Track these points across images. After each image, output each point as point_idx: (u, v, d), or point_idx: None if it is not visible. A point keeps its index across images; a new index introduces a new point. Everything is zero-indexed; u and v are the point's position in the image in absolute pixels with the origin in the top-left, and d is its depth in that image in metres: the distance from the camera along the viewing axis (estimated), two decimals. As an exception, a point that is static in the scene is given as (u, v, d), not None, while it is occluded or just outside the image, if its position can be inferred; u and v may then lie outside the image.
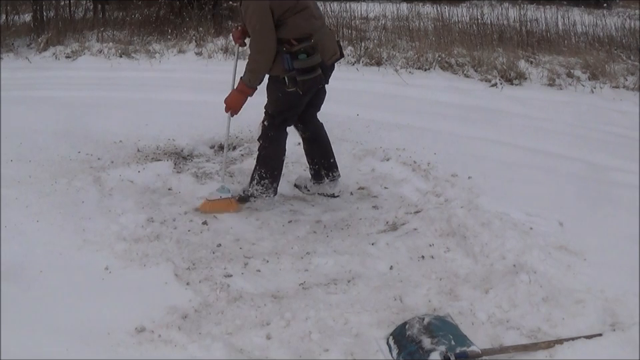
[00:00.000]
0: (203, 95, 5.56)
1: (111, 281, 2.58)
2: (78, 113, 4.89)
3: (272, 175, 3.34)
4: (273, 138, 3.30)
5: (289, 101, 3.15)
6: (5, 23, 8.82)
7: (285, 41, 2.99)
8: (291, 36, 2.99)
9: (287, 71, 3.00)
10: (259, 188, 3.35)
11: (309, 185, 3.58)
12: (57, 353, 2.08)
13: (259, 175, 3.34)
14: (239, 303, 2.43)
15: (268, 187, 3.35)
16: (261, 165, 3.33)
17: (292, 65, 2.98)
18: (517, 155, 4.11)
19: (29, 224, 3.00)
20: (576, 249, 2.77)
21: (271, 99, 3.22)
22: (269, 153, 3.32)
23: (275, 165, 3.35)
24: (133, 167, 3.79)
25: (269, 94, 3.21)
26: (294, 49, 2.97)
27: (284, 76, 3.03)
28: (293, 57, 2.97)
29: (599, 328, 2.24)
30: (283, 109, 3.22)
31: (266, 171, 3.32)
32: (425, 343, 2.10)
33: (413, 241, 2.96)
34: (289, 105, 3.20)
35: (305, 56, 2.97)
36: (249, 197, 3.39)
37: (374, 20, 9.97)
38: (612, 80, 6.20)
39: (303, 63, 2.98)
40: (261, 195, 3.36)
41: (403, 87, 6.07)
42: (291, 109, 3.23)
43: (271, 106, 3.25)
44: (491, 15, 8.67)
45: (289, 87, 3.03)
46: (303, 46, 2.97)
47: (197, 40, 8.03)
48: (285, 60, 2.98)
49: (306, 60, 2.98)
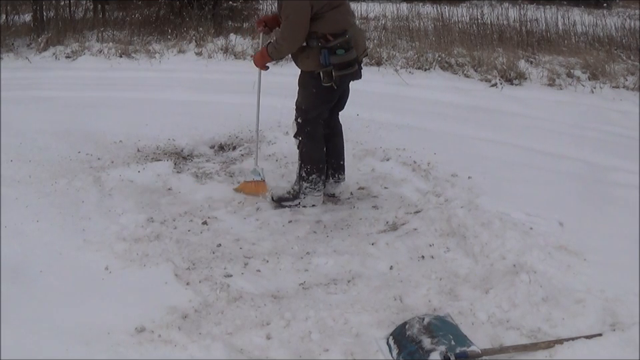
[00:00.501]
0: (202, 95, 5.57)
1: (111, 280, 2.58)
2: (78, 113, 4.89)
3: (318, 169, 3.32)
4: (311, 133, 3.27)
5: (324, 96, 3.16)
6: (5, 22, 8.82)
7: (320, 35, 3.01)
8: (327, 30, 3.00)
9: (324, 66, 3.01)
10: (308, 185, 3.32)
11: None
12: (57, 353, 2.09)
13: (305, 171, 3.31)
14: (239, 303, 2.43)
15: (316, 181, 3.33)
16: (305, 162, 3.31)
17: (329, 60, 2.99)
18: (517, 155, 4.11)
19: (29, 224, 3.01)
20: (576, 249, 2.77)
21: (305, 95, 3.21)
22: (310, 148, 3.30)
23: (319, 158, 3.33)
24: (132, 167, 3.79)
25: (302, 89, 3.22)
26: (331, 44, 2.99)
27: (319, 71, 3.04)
28: (331, 52, 2.99)
29: (599, 328, 2.24)
30: (317, 104, 3.21)
31: (312, 166, 3.30)
32: (425, 343, 2.10)
33: (412, 241, 2.96)
34: (322, 100, 3.20)
35: (343, 51, 2.99)
36: (298, 195, 3.36)
37: (374, 20, 9.96)
38: (612, 80, 6.20)
39: (341, 59, 2.99)
40: (312, 191, 3.33)
41: (403, 86, 6.08)
42: (324, 104, 3.24)
43: (304, 101, 3.23)
44: (491, 15, 8.66)
45: (325, 81, 3.04)
46: (339, 41, 2.99)
47: (197, 40, 8.03)
48: (323, 55, 2.99)
49: (343, 55, 3.00)
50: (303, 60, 3.12)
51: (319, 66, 3.03)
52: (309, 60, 3.07)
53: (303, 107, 3.24)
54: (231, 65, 7.16)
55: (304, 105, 3.23)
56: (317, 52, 3.02)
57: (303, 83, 3.22)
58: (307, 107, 3.22)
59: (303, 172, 3.32)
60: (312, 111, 3.23)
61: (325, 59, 2.99)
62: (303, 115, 3.24)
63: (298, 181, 3.37)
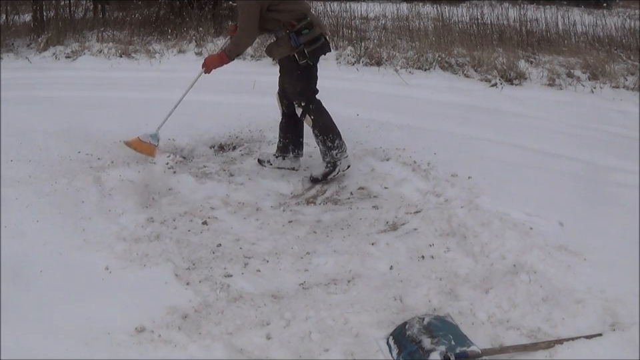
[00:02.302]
0: (202, 95, 5.54)
1: (111, 280, 2.58)
2: (78, 113, 4.88)
3: (337, 135, 3.63)
4: (317, 108, 3.60)
5: (306, 73, 3.52)
6: (5, 22, 8.80)
7: (286, 23, 3.38)
8: (289, 18, 3.38)
9: (295, 47, 3.38)
10: (336, 151, 3.61)
11: (272, 159, 3.87)
12: (57, 353, 2.09)
13: (330, 140, 3.59)
14: (239, 303, 2.44)
15: (341, 145, 3.63)
16: (325, 134, 3.59)
17: (299, 41, 3.37)
18: (517, 154, 4.10)
19: (29, 224, 3.00)
20: (576, 249, 2.78)
21: (292, 79, 3.55)
22: (324, 120, 3.60)
23: (333, 125, 3.63)
24: (132, 167, 3.79)
25: (288, 76, 3.56)
26: (296, 28, 3.37)
27: (293, 53, 3.41)
28: (298, 34, 3.37)
29: (599, 328, 2.24)
30: (306, 82, 3.56)
31: (332, 135, 3.60)
32: (425, 343, 2.10)
33: (413, 241, 2.96)
34: (307, 77, 3.55)
35: (307, 31, 3.38)
36: (335, 164, 3.63)
37: (374, 20, 9.95)
38: (612, 80, 6.20)
39: (308, 36, 3.39)
40: (342, 154, 3.63)
41: (402, 86, 6.07)
42: (311, 80, 3.59)
43: (296, 85, 3.55)
44: (491, 15, 8.65)
45: (300, 59, 3.41)
46: (302, 24, 3.38)
47: (197, 40, 8.02)
48: (292, 39, 3.37)
49: (309, 34, 3.38)
50: (277, 50, 3.49)
51: (291, 49, 3.40)
52: (282, 48, 3.45)
53: (297, 90, 3.55)
54: (230, 64, 7.13)
55: (298, 87, 3.55)
56: (286, 39, 3.40)
57: (285, 71, 3.57)
58: (300, 88, 3.55)
59: (328, 142, 3.60)
60: (306, 90, 3.57)
61: (294, 41, 3.37)
62: (302, 97, 3.56)
63: (327, 152, 3.63)
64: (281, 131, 3.85)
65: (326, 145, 3.61)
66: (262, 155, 3.95)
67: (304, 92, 3.56)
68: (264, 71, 5.61)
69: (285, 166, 3.83)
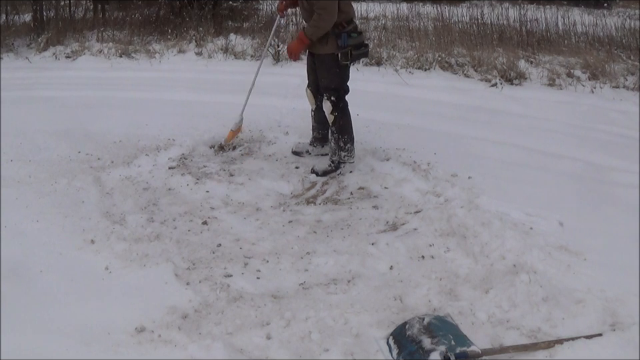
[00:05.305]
0: (202, 95, 5.56)
1: (111, 280, 2.58)
2: (78, 113, 4.89)
3: (351, 139, 3.83)
4: (344, 108, 3.79)
5: (344, 73, 3.73)
6: (5, 22, 8.80)
7: (337, 23, 3.53)
8: (342, 19, 3.54)
9: (342, 48, 3.55)
10: (345, 153, 3.81)
11: (310, 149, 4.09)
12: (57, 353, 2.09)
13: (343, 141, 3.79)
14: (239, 303, 2.44)
15: (351, 149, 3.83)
16: (342, 134, 3.78)
17: (347, 42, 3.54)
18: (517, 154, 4.10)
19: (29, 224, 3.01)
20: (576, 249, 2.78)
21: (331, 75, 3.70)
22: (345, 121, 3.79)
23: (351, 130, 3.84)
24: (133, 167, 3.79)
25: (326, 72, 3.70)
26: (347, 29, 3.55)
27: (338, 52, 3.57)
28: (348, 36, 3.55)
29: (599, 328, 2.24)
30: (342, 81, 3.75)
31: (348, 137, 3.80)
32: (425, 343, 2.10)
33: (413, 240, 2.96)
34: (344, 77, 3.75)
35: (356, 35, 3.59)
36: (339, 165, 3.82)
37: (374, 20, 9.94)
38: (612, 80, 6.19)
39: (356, 40, 3.59)
40: (349, 158, 3.83)
41: (402, 86, 6.07)
42: (346, 79, 3.78)
43: (333, 81, 3.71)
44: (491, 15, 8.65)
45: (343, 60, 3.60)
46: (351, 27, 3.58)
47: (197, 40, 8.02)
48: (342, 39, 3.53)
49: (357, 38, 3.59)
50: (323, 46, 3.60)
51: (337, 48, 3.56)
52: (328, 45, 3.58)
53: (332, 86, 3.71)
54: (231, 65, 7.15)
55: (333, 84, 3.71)
56: (333, 37, 3.54)
57: (325, 67, 3.69)
58: (336, 85, 3.72)
59: (341, 142, 3.79)
60: (340, 88, 3.75)
61: (343, 41, 3.53)
62: (335, 93, 3.72)
63: (337, 152, 3.81)
64: (318, 124, 4.04)
65: (338, 145, 3.79)
66: (297, 146, 4.13)
67: (338, 89, 3.73)
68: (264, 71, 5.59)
69: (325, 152, 4.05)
